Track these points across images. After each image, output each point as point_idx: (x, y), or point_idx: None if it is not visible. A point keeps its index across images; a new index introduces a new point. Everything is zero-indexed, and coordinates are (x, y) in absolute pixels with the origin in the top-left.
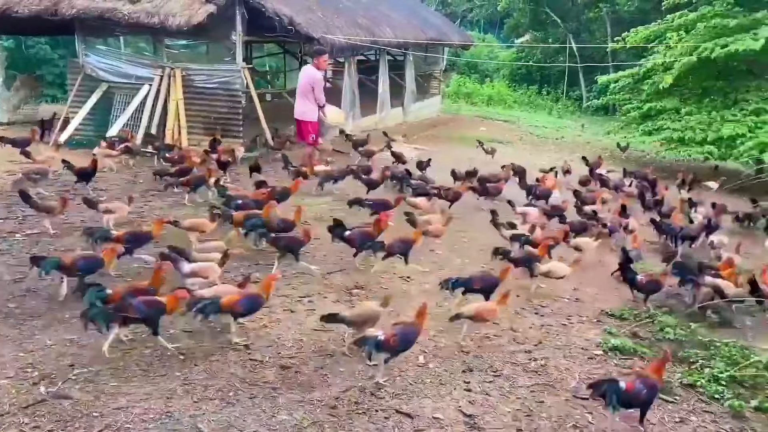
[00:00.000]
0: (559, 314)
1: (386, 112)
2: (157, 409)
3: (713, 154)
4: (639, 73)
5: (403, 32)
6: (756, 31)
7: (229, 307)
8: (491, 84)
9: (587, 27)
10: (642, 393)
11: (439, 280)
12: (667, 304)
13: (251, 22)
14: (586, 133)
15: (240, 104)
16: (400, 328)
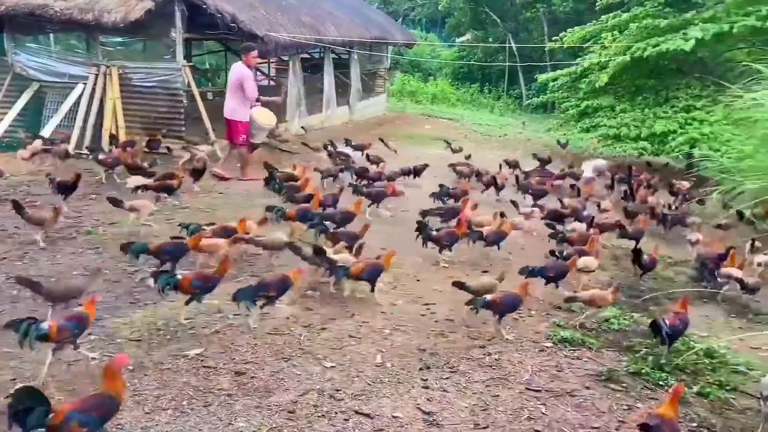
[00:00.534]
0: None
1: (332, 111)
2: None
3: (647, 149)
4: (576, 72)
5: (348, 30)
6: (685, 31)
7: (357, 274)
8: (435, 82)
9: (525, 27)
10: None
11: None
12: None
13: (192, 19)
14: (527, 130)
15: (181, 103)
16: (506, 294)
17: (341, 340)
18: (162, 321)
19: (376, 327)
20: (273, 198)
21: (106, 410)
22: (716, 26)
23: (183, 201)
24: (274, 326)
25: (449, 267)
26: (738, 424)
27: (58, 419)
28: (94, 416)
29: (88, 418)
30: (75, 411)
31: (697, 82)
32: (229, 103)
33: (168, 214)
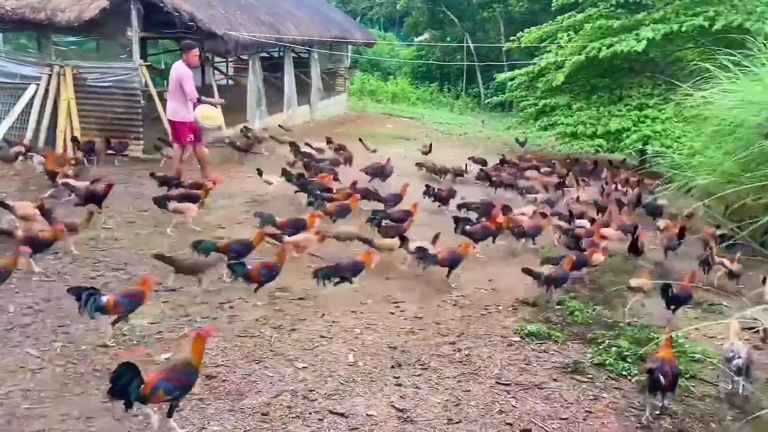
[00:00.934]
0: (478, 304)
1: (293, 110)
2: (76, 430)
3: (603, 146)
4: (534, 71)
5: (308, 29)
6: (638, 31)
7: (442, 260)
8: (394, 81)
9: (482, 26)
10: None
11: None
12: (574, 289)
13: (148, 17)
14: (487, 128)
15: (138, 103)
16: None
17: (312, 341)
18: (128, 326)
19: (347, 326)
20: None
21: (188, 381)
22: (666, 26)
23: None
24: (244, 328)
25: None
26: (698, 411)
27: (148, 389)
28: (178, 386)
29: (172, 387)
30: (162, 381)
31: (649, 81)
32: (170, 103)
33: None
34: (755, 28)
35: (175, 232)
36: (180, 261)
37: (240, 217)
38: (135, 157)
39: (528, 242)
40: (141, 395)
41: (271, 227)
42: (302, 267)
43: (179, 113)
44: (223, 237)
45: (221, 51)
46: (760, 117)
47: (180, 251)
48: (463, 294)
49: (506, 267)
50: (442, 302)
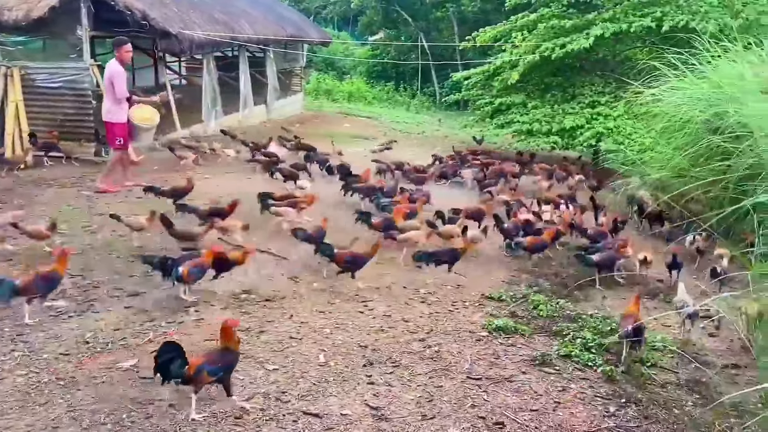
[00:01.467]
0: (445, 301)
1: (249, 110)
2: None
3: (558, 143)
4: (489, 70)
5: (263, 28)
6: (588, 31)
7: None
8: (350, 81)
9: (436, 26)
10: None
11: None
12: (537, 283)
13: (99, 16)
14: (443, 127)
15: (90, 104)
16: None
17: (282, 342)
18: (90, 333)
19: (316, 327)
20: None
21: (229, 362)
22: (615, 25)
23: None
24: (211, 332)
25: (385, 264)
26: (661, 398)
27: (191, 370)
28: (220, 367)
29: (215, 369)
30: (205, 363)
31: (600, 79)
32: (104, 103)
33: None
34: (700, 27)
35: (140, 239)
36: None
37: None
38: (87, 159)
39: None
40: (185, 376)
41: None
42: (267, 269)
43: (112, 114)
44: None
45: (176, 50)
46: (707, 113)
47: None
48: (429, 291)
49: (470, 263)
50: (409, 300)
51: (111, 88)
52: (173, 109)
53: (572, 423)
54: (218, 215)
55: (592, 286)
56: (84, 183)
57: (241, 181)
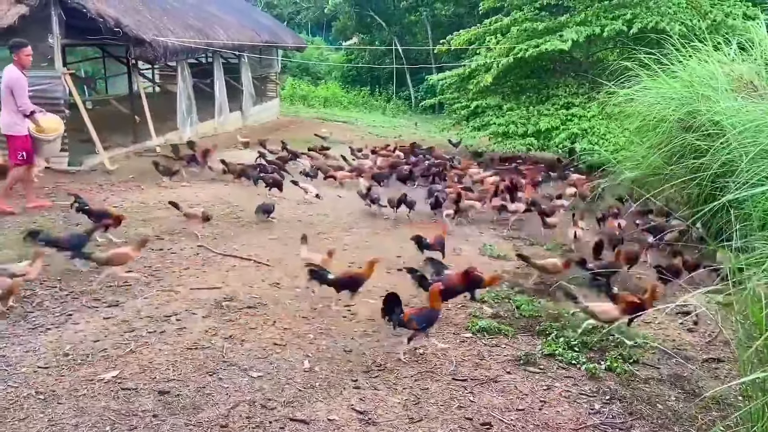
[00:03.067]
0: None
1: (225, 117)
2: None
3: (534, 145)
4: (464, 73)
5: (237, 34)
6: (561, 33)
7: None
8: (325, 86)
9: (410, 30)
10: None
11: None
12: (518, 284)
13: (70, 24)
14: (420, 130)
15: (62, 113)
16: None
17: (266, 349)
18: (69, 345)
19: (300, 332)
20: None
21: (432, 317)
22: (588, 29)
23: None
24: (193, 341)
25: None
26: (644, 393)
27: (405, 317)
28: (425, 319)
29: (421, 320)
30: (414, 315)
31: (574, 80)
32: (3, 116)
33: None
34: (669, 28)
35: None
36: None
37: (178, 227)
38: (61, 170)
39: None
40: (401, 320)
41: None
42: (247, 276)
43: (14, 127)
44: (162, 248)
45: (150, 57)
46: (679, 112)
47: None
48: (413, 295)
49: (448, 262)
50: None
51: (10, 97)
52: (148, 117)
53: (558, 421)
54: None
55: (573, 285)
56: (59, 194)
57: (218, 189)
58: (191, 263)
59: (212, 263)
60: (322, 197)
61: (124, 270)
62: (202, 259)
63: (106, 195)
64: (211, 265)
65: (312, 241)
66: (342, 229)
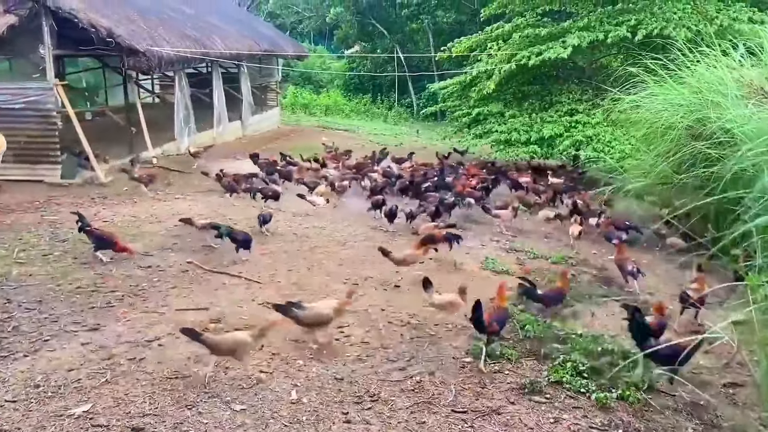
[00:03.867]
0: (426, 323)
1: (224, 127)
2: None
3: (537, 152)
4: (465, 80)
5: (236, 43)
6: (564, 39)
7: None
8: (327, 94)
9: (411, 38)
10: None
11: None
12: (522, 301)
13: (63, 34)
14: (422, 138)
15: (55, 126)
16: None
17: (251, 378)
18: (41, 375)
19: (288, 357)
20: None
21: (506, 316)
22: (591, 35)
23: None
24: (174, 369)
25: (361, 286)
26: (659, 425)
27: (487, 321)
28: (502, 320)
29: (500, 321)
30: (493, 318)
31: (577, 87)
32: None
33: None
34: (675, 34)
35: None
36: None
37: (169, 242)
38: (54, 183)
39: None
40: (485, 326)
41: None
42: (237, 295)
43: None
44: (150, 265)
45: (144, 67)
46: (688, 119)
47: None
48: (410, 313)
49: (451, 282)
50: (388, 324)
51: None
52: (144, 128)
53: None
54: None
55: (579, 302)
56: (49, 208)
57: (212, 201)
58: (179, 281)
59: (201, 281)
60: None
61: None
62: (190, 277)
63: (97, 209)
64: (200, 283)
65: (307, 255)
66: (338, 243)
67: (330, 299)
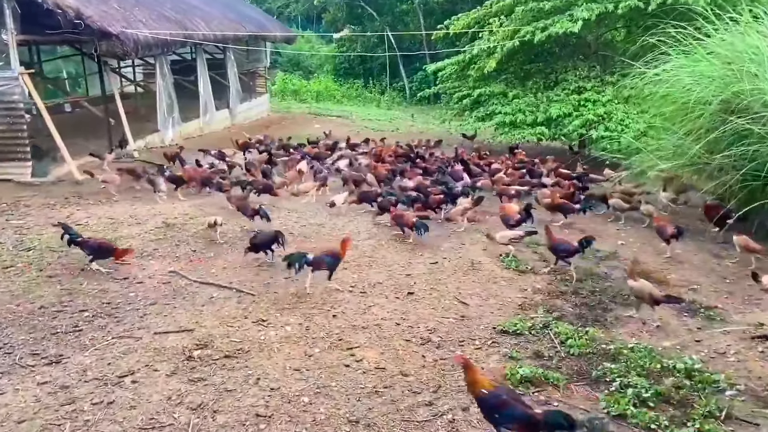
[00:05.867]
0: (449, 340)
1: (211, 116)
2: None
3: (545, 134)
4: (464, 59)
5: (220, 26)
6: (570, 12)
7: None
8: (318, 80)
9: (402, 19)
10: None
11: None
12: (555, 306)
13: (29, 18)
14: (418, 122)
15: (22, 119)
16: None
17: (245, 425)
18: None
19: (290, 394)
20: None
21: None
22: (600, 5)
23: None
24: (151, 415)
25: (369, 294)
26: None
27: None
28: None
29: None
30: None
31: (583, 63)
32: None
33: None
34: (693, 0)
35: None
36: None
37: (149, 248)
38: (24, 182)
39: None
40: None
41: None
42: (227, 311)
43: None
44: (127, 276)
45: (118, 52)
46: (724, 93)
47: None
48: (429, 327)
49: (472, 282)
50: (405, 342)
51: None
52: (123, 119)
53: None
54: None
55: (620, 304)
56: (17, 210)
57: (198, 199)
58: (159, 296)
59: (185, 294)
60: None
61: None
62: (173, 290)
63: (71, 210)
64: (184, 297)
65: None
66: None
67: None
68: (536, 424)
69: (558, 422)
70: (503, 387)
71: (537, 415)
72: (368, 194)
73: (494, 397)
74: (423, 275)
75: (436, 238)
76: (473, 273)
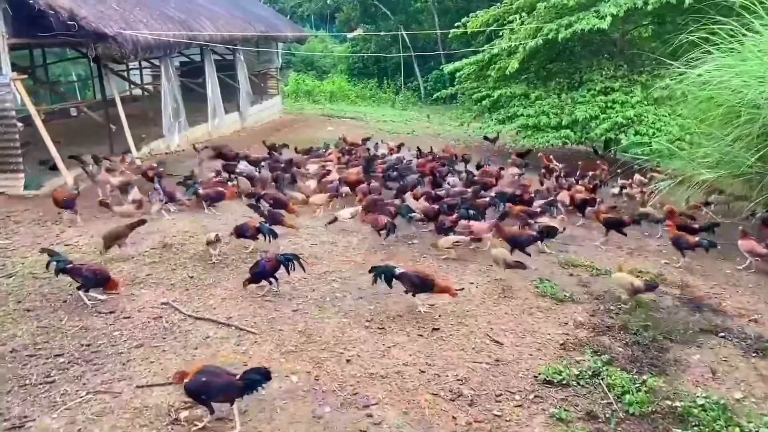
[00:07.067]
0: (484, 393)
1: (220, 119)
2: None
3: (570, 138)
4: (484, 59)
5: (228, 26)
6: (596, 8)
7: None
8: (331, 80)
9: (416, 18)
10: None
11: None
12: (603, 345)
13: (22, 19)
14: (434, 123)
15: (13, 127)
16: None
17: None
18: None
19: None
20: None
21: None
22: (629, 1)
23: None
24: None
25: (388, 330)
26: None
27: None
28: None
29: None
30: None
31: (609, 62)
32: None
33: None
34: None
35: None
36: None
37: (142, 274)
38: (16, 195)
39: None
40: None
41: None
42: (224, 355)
43: None
44: (113, 310)
45: (116, 55)
46: None
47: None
48: (458, 376)
49: (505, 314)
50: (432, 396)
51: None
52: (125, 125)
53: None
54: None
55: (676, 342)
56: (5, 228)
57: (198, 216)
58: (147, 335)
59: (176, 333)
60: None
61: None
62: (163, 328)
63: (62, 227)
64: (175, 336)
65: (317, 284)
66: (356, 265)
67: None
68: None
69: None
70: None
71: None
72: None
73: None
74: (448, 305)
75: (459, 259)
76: (505, 302)
